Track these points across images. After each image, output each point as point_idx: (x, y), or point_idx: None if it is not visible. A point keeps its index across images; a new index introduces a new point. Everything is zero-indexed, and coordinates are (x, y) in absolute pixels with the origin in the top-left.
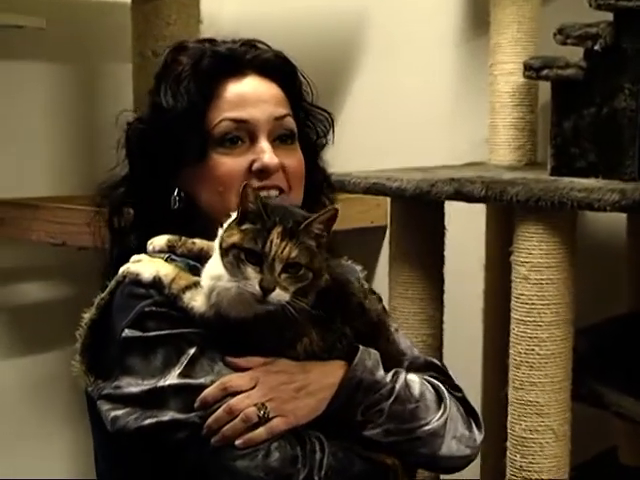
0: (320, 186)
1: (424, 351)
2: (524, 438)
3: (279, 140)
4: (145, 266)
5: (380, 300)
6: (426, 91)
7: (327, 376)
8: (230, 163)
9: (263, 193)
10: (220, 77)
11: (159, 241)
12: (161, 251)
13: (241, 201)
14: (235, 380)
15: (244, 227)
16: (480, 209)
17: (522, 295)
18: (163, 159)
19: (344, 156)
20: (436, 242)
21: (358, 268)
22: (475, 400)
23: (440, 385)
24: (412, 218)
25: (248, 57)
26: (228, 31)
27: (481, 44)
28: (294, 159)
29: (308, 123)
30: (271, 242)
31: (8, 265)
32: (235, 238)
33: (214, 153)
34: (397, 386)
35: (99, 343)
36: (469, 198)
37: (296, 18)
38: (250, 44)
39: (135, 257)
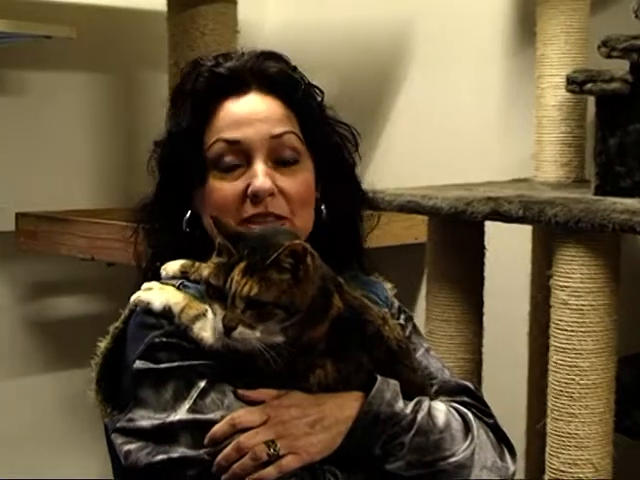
0: (353, 205)
1: (461, 376)
2: (562, 472)
3: (280, 161)
4: (155, 295)
5: (409, 319)
6: (473, 104)
7: (342, 409)
8: (225, 188)
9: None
10: (218, 97)
11: (172, 266)
12: (174, 277)
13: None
14: (245, 416)
15: (216, 260)
16: (526, 227)
17: (561, 321)
18: (172, 182)
19: (389, 171)
20: (475, 262)
21: (388, 286)
22: (519, 430)
23: (468, 413)
24: (450, 237)
25: (250, 74)
26: (270, 41)
27: (530, 56)
28: (296, 181)
29: (334, 139)
30: (232, 279)
31: (41, 279)
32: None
33: (211, 177)
34: (419, 417)
35: (115, 372)
36: (506, 218)
37: (342, 29)
38: (261, 58)
39: (146, 285)
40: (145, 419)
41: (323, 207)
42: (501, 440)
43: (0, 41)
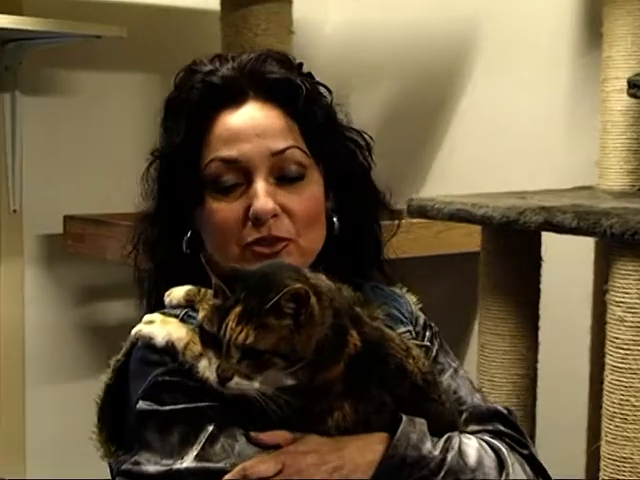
0: (369, 212)
1: (514, 393)
2: None
3: (283, 177)
4: (157, 329)
5: (436, 335)
6: (538, 108)
7: (364, 453)
8: (224, 210)
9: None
10: (214, 109)
11: (177, 293)
12: (179, 305)
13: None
14: (257, 465)
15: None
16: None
17: (617, 339)
18: (169, 200)
19: (451, 175)
20: (531, 273)
21: (412, 299)
22: (578, 449)
23: (501, 447)
24: (504, 247)
25: (247, 80)
26: (330, 41)
27: (597, 58)
28: (302, 198)
29: (343, 145)
30: (226, 325)
31: (90, 283)
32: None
33: (209, 197)
34: (448, 457)
35: (118, 409)
36: (560, 229)
37: (404, 29)
38: (261, 60)
39: (147, 317)
40: (151, 464)
41: (335, 219)
42: (538, 472)
43: (50, 41)
